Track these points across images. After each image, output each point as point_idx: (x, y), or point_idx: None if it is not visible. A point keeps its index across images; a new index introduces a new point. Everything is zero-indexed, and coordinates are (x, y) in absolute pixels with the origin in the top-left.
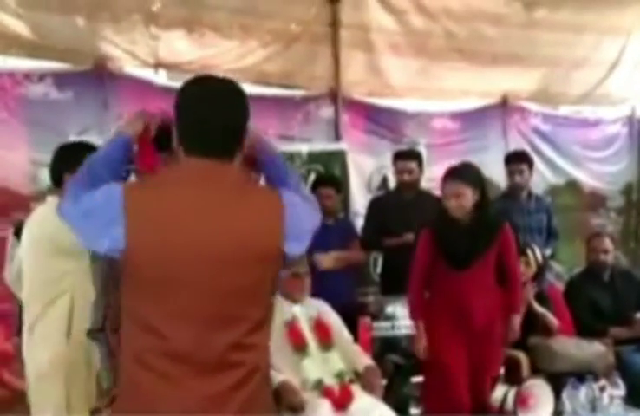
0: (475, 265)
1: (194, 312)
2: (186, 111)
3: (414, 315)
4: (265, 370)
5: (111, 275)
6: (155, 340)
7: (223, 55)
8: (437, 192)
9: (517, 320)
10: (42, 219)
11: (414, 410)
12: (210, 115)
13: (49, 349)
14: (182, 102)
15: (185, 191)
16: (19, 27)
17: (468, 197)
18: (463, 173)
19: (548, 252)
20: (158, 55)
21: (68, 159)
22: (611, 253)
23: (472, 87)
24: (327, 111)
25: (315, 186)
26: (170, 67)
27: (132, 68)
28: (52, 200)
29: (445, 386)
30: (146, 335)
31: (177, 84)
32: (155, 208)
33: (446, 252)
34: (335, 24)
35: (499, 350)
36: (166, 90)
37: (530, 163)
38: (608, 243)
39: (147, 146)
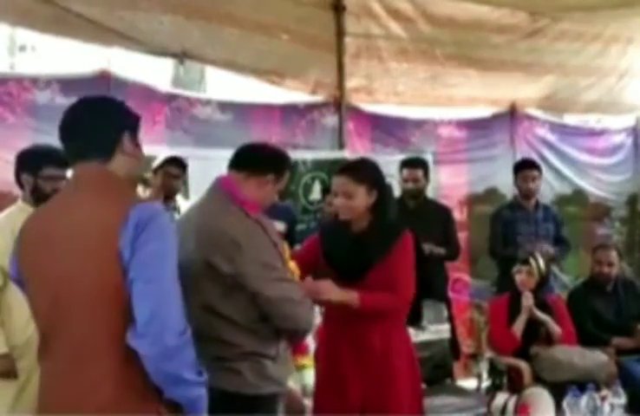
0: (370, 277)
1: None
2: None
3: None
4: (127, 384)
5: None
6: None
7: None
8: (443, 201)
9: (354, 298)
10: None
11: None
12: (65, 123)
13: None
14: None
15: (52, 202)
16: None
17: (360, 197)
18: (356, 169)
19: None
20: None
21: None
22: (616, 266)
23: (479, 95)
24: (331, 119)
25: (323, 193)
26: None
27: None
28: None
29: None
30: None
31: (180, 91)
32: (29, 225)
33: (330, 260)
34: (339, 32)
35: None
36: (169, 97)
37: (540, 171)
38: (614, 255)
39: None
